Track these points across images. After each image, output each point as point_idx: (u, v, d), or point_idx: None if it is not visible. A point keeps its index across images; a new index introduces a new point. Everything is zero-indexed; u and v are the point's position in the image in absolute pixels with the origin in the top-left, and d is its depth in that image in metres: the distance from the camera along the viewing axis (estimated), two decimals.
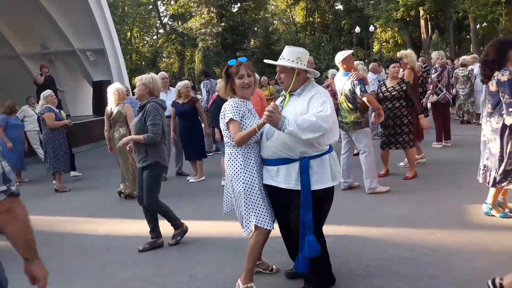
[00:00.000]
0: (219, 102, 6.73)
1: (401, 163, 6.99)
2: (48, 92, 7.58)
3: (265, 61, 3.33)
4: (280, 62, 3.00)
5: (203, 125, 7.59)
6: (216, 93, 6.99)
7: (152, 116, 4.22)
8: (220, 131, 6.52)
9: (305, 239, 2.86)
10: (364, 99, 5.30)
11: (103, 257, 4.32)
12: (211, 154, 9.51)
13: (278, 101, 3.21)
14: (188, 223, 5.05)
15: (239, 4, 37.66)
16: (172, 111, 7.28)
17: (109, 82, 13.95)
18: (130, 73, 36.59)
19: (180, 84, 7.39)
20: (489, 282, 2.88)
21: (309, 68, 3.02)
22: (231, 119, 2.99)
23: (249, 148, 3.06)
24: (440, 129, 8.39)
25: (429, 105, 8.73)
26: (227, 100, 6.90)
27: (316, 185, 2.88)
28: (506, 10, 31.55)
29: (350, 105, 5.44)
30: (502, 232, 4.05)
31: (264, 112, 2.75)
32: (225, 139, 3.16)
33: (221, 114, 3.12)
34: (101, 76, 14.87)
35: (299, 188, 2.88)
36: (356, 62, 7.09)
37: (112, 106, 6.34)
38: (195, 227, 4.88)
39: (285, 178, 2.94)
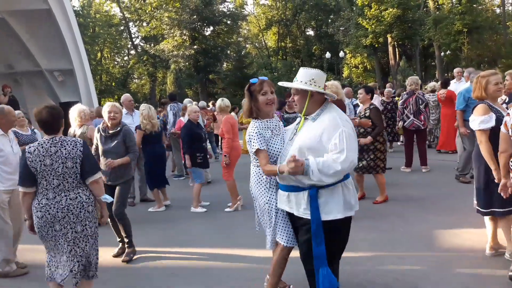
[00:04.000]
0: (190, 126, 6.66)
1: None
2: (16, 113, 7.17)
3: (280, 83, 3.20)
4: (293, 84, 2.90)
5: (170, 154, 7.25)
6: (186, 117, 6.87)
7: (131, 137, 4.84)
8: (190, 158, 6.48)
9: (320, 272, 2.73)
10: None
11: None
12: (182, 178, 9.36)
13: (292, 124, 3.15)
14: (155, 251, 4.92)
15: (211, 28, 38.01)
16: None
17: (77, 103, 13.60)
18: (100, 94, 36.07)
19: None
20: None
21: (324, 91, 2.88)
22: (258, 150, 3.02)
23: None
24: (408, 154, 8.45)
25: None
26: (197, 124, 6.85)
27: (324, 216, 2.73)
28: (468, 39, 33.10)
29: None
30: (469, 256, 4.09)
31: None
32: (251, 157, 3.21)
33: (247, 137, 3.16)
34: (69, 97, 14.50)
35: (308, 216, 2.77)
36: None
37: (75, 128, 6.10)
38: (164, 256, 4.75)
39: (296, 204, 2.86)
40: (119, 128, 4.82)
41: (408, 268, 3.91)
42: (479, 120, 3.68)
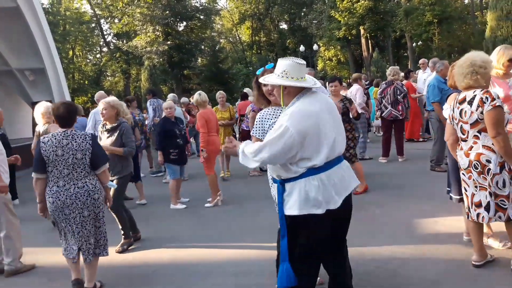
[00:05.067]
0: (162, 123, 6.60)
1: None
2: None
3: (260, 80, 2.94)
4: (262, 79, 2.83)
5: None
6: (162, 116, 6.80)
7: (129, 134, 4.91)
8: (162, 153, 6.42)
9: (280, 267, 2.70)
10: None
11: None
12: (161, 174, 9.28)
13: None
14: (136, 249, 4.89)
15: (184, 23, 37.61)
16: None
17: (49, 102, 13.29)
18: (73, 93, 35.32)
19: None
20: None
21: (289, 83, 2.63)
22: (252, 135, 3.07)
23: None
24: (385, 144, 8.56)
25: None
26: (172, 121, 6.81)
27: (286, 211, 2.66)
28: (439, 30, 33.72)
29: None
30: (447, 243, 4.19)
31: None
32: None
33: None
34: (41, 97, 14.09)
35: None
36: None
37: (41, 125, 5.99)
38: (144, 253, 4.72)
39: (273, 197, 3.01)
40: (116, 124, 5.01)
41: (388, 256, 3.99)
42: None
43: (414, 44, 37.01)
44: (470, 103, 3.33)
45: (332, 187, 2.63)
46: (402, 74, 11.60)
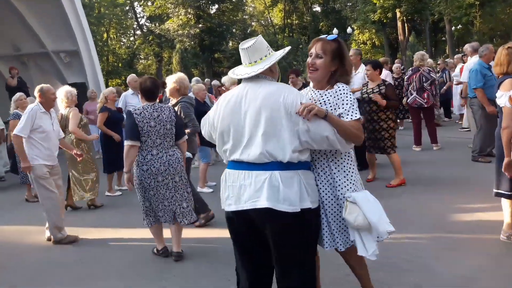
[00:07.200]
0: (197, 106, 6.55)
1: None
2: (17, 95, 7.08)
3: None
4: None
5: None
6: (194, 97, 6.77)
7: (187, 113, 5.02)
8: (200, 136, 6.37)
9: None
10: None
11: (73, 269, 4.11)
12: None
13: None
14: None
15: (216, 6, 37.44)
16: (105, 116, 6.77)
17: (83, 84, 13.58)
18: (107, 75, 35.96)
19: (107, 90, 7.02)
20: None
21: (235, 73, 2.56)
22: None
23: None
24: (415, 132, 8.28)
25: None
26: (203, 103, 6.70)
27: None
28: (480, 13, 32.27)
29: None
30: (483, 237, 4.01)
31: None
32: None
33: None
34: (75, 78, 14.44)
35: None
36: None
37: (62, 109, 6.03)
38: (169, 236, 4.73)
39: None
40: (176, 101, 5.11)
41: (420, 249, 3.85)
42: (508, 96, 3.48)
43: (453, 28, 35.58)
44: None
45: (227, 188, 2.44)
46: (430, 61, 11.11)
